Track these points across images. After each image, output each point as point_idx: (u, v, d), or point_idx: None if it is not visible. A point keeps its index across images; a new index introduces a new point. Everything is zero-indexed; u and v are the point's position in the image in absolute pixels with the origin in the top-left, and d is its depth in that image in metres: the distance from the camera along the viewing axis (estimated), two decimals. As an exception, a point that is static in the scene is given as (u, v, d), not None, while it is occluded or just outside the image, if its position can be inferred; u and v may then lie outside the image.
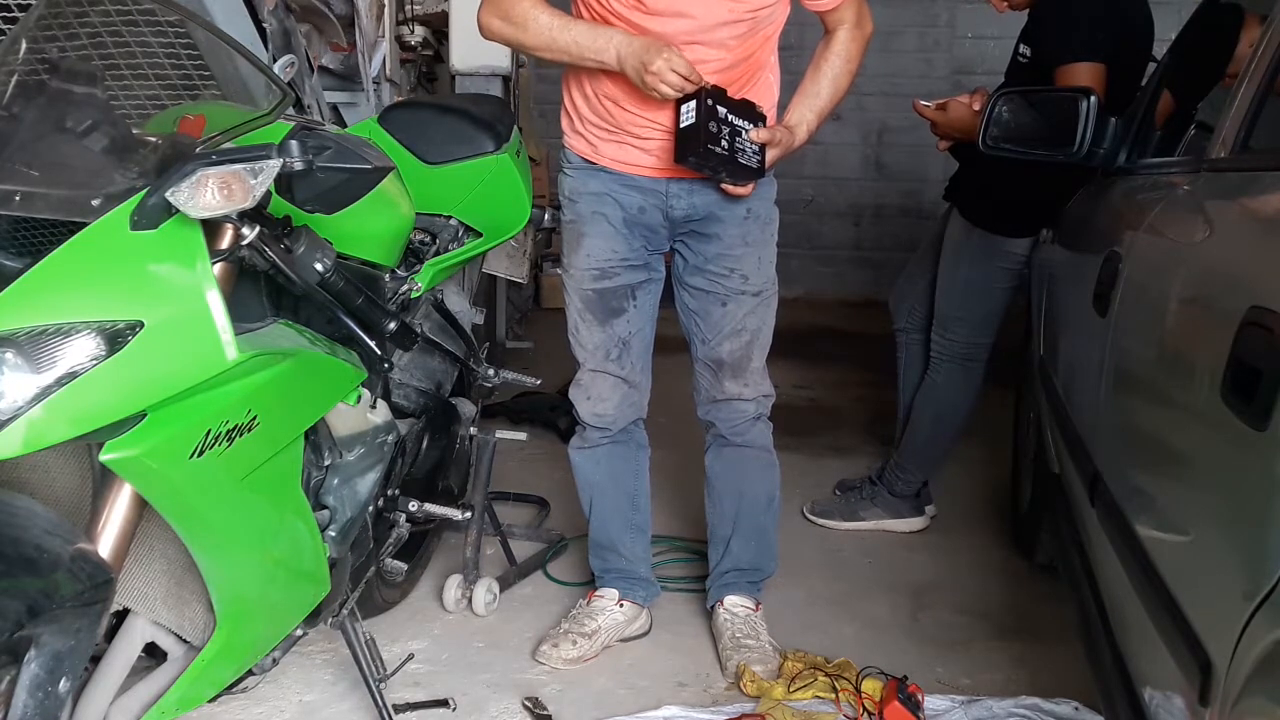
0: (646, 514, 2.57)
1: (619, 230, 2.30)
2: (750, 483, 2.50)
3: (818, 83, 2.26)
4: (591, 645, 2.43)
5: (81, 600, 1.35)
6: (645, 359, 2.43)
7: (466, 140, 2.40)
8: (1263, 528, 1.07)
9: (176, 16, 1.75)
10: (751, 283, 2.33)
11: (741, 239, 2.30)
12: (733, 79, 2.16)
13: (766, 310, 2.38)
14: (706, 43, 2.11)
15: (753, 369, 2.39)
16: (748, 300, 2.34)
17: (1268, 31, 1.72)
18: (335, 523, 1.97)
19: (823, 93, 2.26)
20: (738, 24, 2.11)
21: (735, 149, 2.11)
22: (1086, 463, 1.93)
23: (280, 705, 2.21)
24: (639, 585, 2.55)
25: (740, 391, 2.40)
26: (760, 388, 2.42)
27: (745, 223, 2.30)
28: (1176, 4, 3.34)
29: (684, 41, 2.09)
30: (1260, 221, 1.42)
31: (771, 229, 2.35)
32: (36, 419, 1.34)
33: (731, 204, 2.26)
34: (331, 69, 3.68)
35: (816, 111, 2.26)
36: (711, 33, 2.11)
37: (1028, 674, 2.40)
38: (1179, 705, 1.29)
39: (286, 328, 1.77)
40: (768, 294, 2.37)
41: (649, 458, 2.56)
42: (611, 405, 2.40)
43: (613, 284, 2.33)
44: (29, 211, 1.49)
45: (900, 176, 6.97)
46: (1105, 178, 2.48)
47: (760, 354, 2.40)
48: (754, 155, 2.15)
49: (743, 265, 2.31)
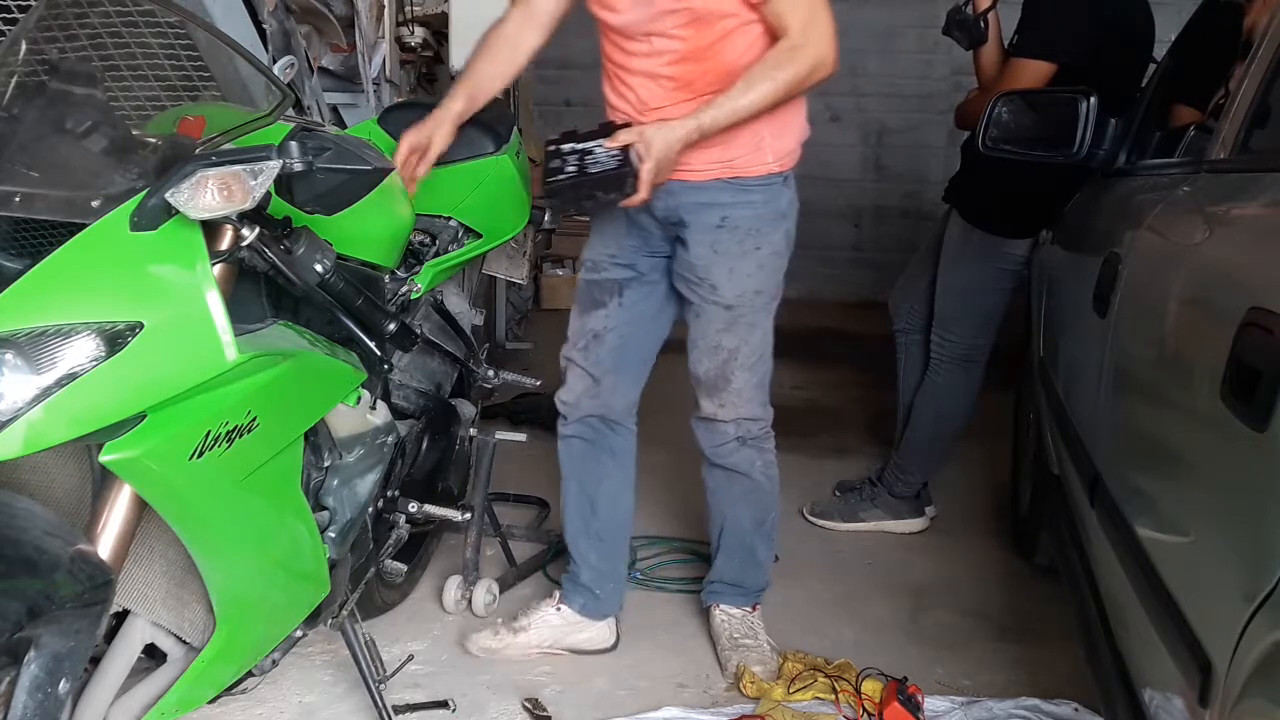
0: (610, 523, 2.48)
1: (619, 228, 2.32)
2: (734, 506, 2.44)
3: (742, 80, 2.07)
4: (515, 639, 2.42)
5: (81, 601, 1.35)
6: (620, 359, 2.37)
7: (466, 141, 2.40)
8: (1263, 528, 1.07)
9: (176, 18, 1.75)
10: (721, 295, 2.23)
11: (710, 247, 2.21)
12: (692, 76, 2.12)
13: (748, 330, 2.26)
14: (658, 33, 2.11)
15: (733, 390, 2.30)
16: (719, 314, 2.24)
17: (1267, 32, 1.72)
18: (335, 524, 1.97)
19: (738, 91, 2.06)
20: (676, 13, 2.08)
21: (585, 165, 2.07)
22: (1086, 464, 1.93)
23: (280, 706, 2.21)
24: (580, 593, 2.46)
25: (716, 412, 2.33)
26: (740, 410, 2.32)
27: (717, 231, 2.20)
28: (1176, 4, 3.34)
29: (641, 33, 2.12)
30: (1260, 222, 1.42)
31: (754, 242, 2.21)
32: (36, 420, 1.34)
33: (702, 210, 2.20)
34: (331, 70, 3.68)
35: (725, 107, 2.06)
36: (658, 22, 2.10)
37: (1028, 675, 2.40)
38: (1179, 706, 1.29)
39: (286, 329, 1.77)
40: (745, 311, 2.25)
41: (624, 467, 2.47)
42: (573, 395, 2.42)
43: (599, 278, 2.36)
44: (29, 212, 1.49)
45: (900, 177, 6.97)
46: (1105, 179, 2.48)
47: (743, 376, 2.29)
48: (610, 158, 2.07)
49: (711, 275, 2.22)
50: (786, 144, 2.23)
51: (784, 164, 2.23)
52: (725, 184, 2.18)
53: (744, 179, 2.19)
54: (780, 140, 2.20)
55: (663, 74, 2.13)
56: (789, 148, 2.23)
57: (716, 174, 2.18)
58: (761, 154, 2.19)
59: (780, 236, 2.25)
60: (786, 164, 2.24)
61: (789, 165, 2.25)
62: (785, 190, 2.25)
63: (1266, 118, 1.64)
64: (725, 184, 2.18)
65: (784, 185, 2.25)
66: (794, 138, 2.24)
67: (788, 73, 2.07)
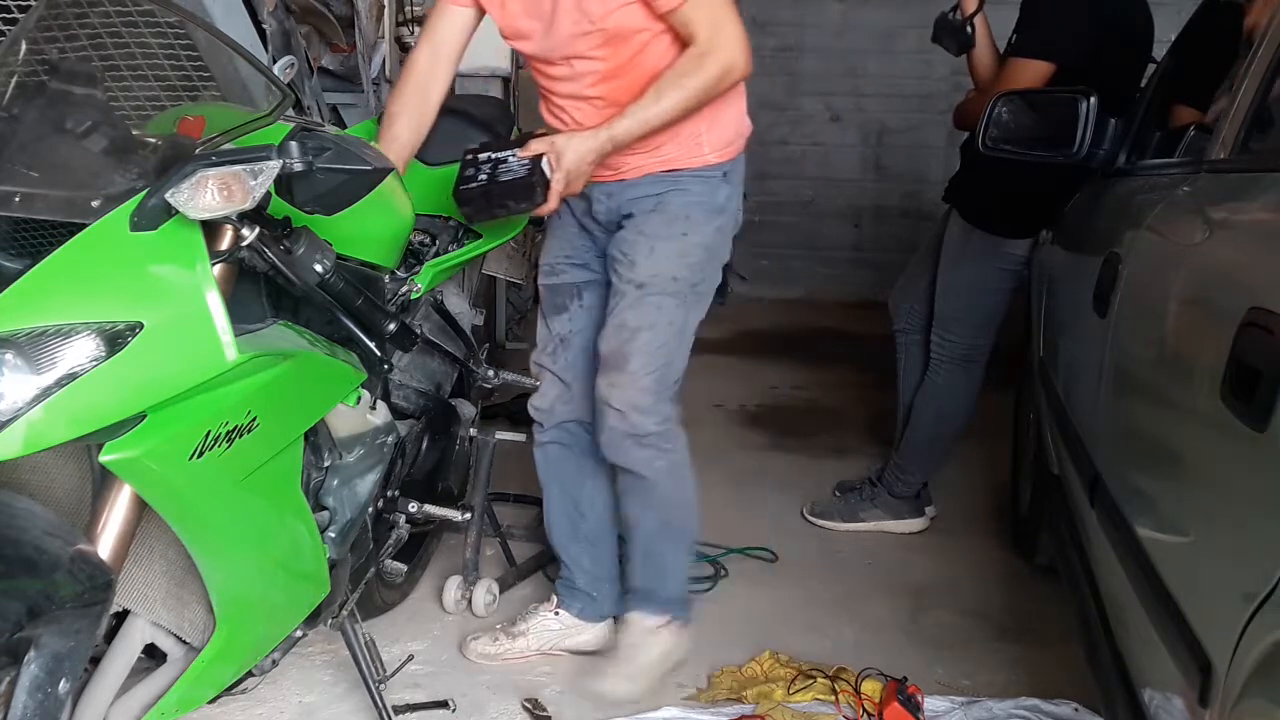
0: (598, 525, 2.46)
1: (570, 230, 2.34)
2: (637, 508, 2.32)
3: (653, 89, 2.07)
4: (513, 645, 2.42)
5: (81, 601, 1.35)
6: (589, 362, 2.32)
7: (466, 141, 2.40)
8: (1263, 528, 1.07)
9: (176, 18, 1.75)
10: (637, 272, 2.17)
11: (638, 228, 2.19)
12: (618, 93, 2.11)
13: (654, 312, 2.18)
14: (576, 56, 2.12)
15: (628, 371, 2.18)
16: (630, 291, 2.18)
17: (1267, 32, 1.72)
18: (335, 524, 1.97)
19: (648, 100, 2.06)
20: (589, 35, 2.08)
21: (497, 174, 2.07)
22: (1086, 464, 1.93)
23: (280, 706, 2.21)
24: (576, 597, 2.46)
25: (607, 393, 2.20)
26: (631, 396, 2.18)
27: (650, 214, 2.18)
28: (1176, 4, 3.34)
29: (560, 57, 2.13)
30: (1260, 222, 1.42)
31: (681, 228, 2.17)
32: (36, 420, 1.34)
33: (641, 201, 2.19)
34: (331, 70, 3.68)
35: (637, 117, 2.06)
36: (573, 46, 2.10)
37: (1027, 675, 2.40)
38: (1179, 706, 1.29)
39: (286, 329, 1.77)
40: (654, 293, 2.17)
41: (604, 467, 2.39)
42: (546, 400, 2.42)
43: (559, 281, 2.37)
44: (29, 212, 1.49)
45: (900, 177, 6.97)
46: (1105, 179, 2.48)
47: (641, 360, 2.18)
48: (521, 166, 2.07)
49: (633, 252, 2.18)
50: (724, 136, 2.20)
51: (722, 156, 2.21)
52: (660, 177, 2.18)
53: (679, 172, 2.18)
54: (717, 134, 2.19)
55: (589, 95, 2.14)
56: (727, 139, 2.21)
57: (651, 169, 2.18)
58: (698, 148, 2.18)
59: (712, 230, 2.21)
60: (725, 155, 2.21)
61: (728, 157, 2.22)
62: (724, 185, 2.22)
63: (1266, 118, 1.64)
64: (660, 177, 2.18)
65: (723, 180, 2.22)
66: (732, 130, 2.22)
67: (696, 80, 2.06)
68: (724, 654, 2.46)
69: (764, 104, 7.03)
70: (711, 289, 2.28)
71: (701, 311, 2.28)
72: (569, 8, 2.07)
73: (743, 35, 2.07)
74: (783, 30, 6.93)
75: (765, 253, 7.18)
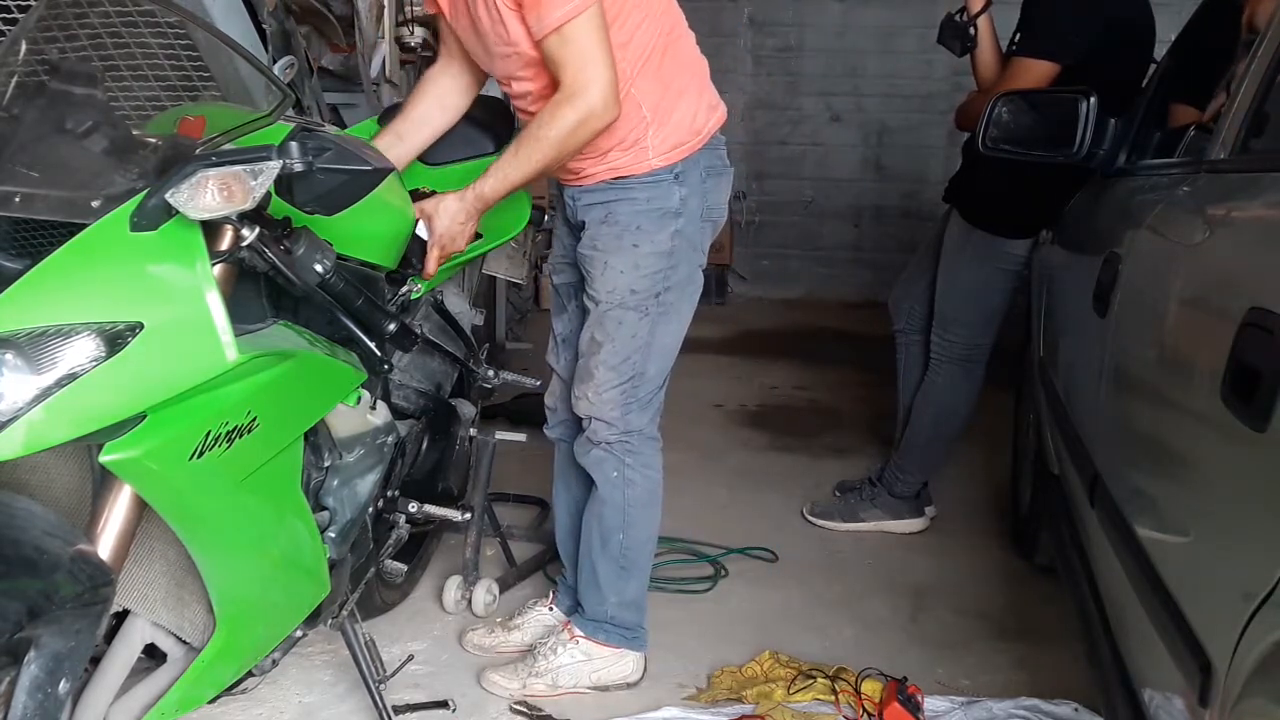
0: None
1: (562, 230, 2.36)
2: (588, 514, 2.33)
3: (513, 144, 2.09)
4: (508, 638, 2.44)
5: (81, 601, 1.35)
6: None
7: (466, 141, 2.40)
8: (1262, 528, 1.07)
9: (176, 18, 1.75)
10: (594, 289, 2.18)
11: (590, 242, 2.19)
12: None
13: (615, 327, 2.17)
14: (512, 76, 2.14)
15: (592, 384, 2.20)
16: (592, 307, 2.20)
17: (1267, 32, 1.72)
18: (335, 524, 1.97)
19: (508, 156, 2.08)
20: (511, 58, 2.09)
21: None
22: (1086, 464, 1.93)
23: (280, 706, 2.21)
24: (569, 594, 2.46)
25: (575, 403, 2.26)
26: (595, 408, 2.21)
27: (599, 226, 2.17)
28: (1176, 4, 3.34)
29: (502, 75, 2.18)
30: (1260, 222, 1.42)
31: (632, 239, 2.14)
32: (36, 420, 1.34)
33: (593, 210, 2.18)
34: (331, 70, 3.68)
35: (500, 174, 2.07)
36: (505, 67, 2.13)
37: (1028, 675, 2.40)
38: (1179, 706, 1.29)
39: (286, 329, 1.77)
40: (614, 306, 2.16)
41: None
42: (553, 398, 2.44)
43: (557, 281, 2.41)
44: (29, 213, 1.49)
45: (900, 178, 6.98)
46: (1105, 179, 2.48)
47: (605, 375, 2.18)
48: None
49: (590, 268, 2.19)
50: (671, 139, 2.14)
51: (669, 159, 2.14)
52: (609, 185, 2.17)
53: (627, 179, 2.15)
54: (663, 137, 2.14)
55: (534, 110, 2.12)
56: (675, 142, 2.15)
57: (601, 176, 2.16)
58: (643, 153, 2.14)
59: (666, 236, 2.16)
60: (673, 158, 2.15)
61: (676, 159, 2.15)
62: (678, 186, 2.16)
63: (1266, 118, 1.64)
64: (609, 185, 2.17)
65: (674, 183, 2.15)
66: (683, 131, 2.16)
67: (551, 131, 2.00)
68: (724, 654, 2.46)
69: (764, 104, 7.05)
70: (685, 293, 2.22)
71: (678, 318, 2.23)
72: (489, 32, 2.08)
73: (610, 78, 1.98)
74: (783, 30, 6.94)
75: (765, 253, 7.19)
